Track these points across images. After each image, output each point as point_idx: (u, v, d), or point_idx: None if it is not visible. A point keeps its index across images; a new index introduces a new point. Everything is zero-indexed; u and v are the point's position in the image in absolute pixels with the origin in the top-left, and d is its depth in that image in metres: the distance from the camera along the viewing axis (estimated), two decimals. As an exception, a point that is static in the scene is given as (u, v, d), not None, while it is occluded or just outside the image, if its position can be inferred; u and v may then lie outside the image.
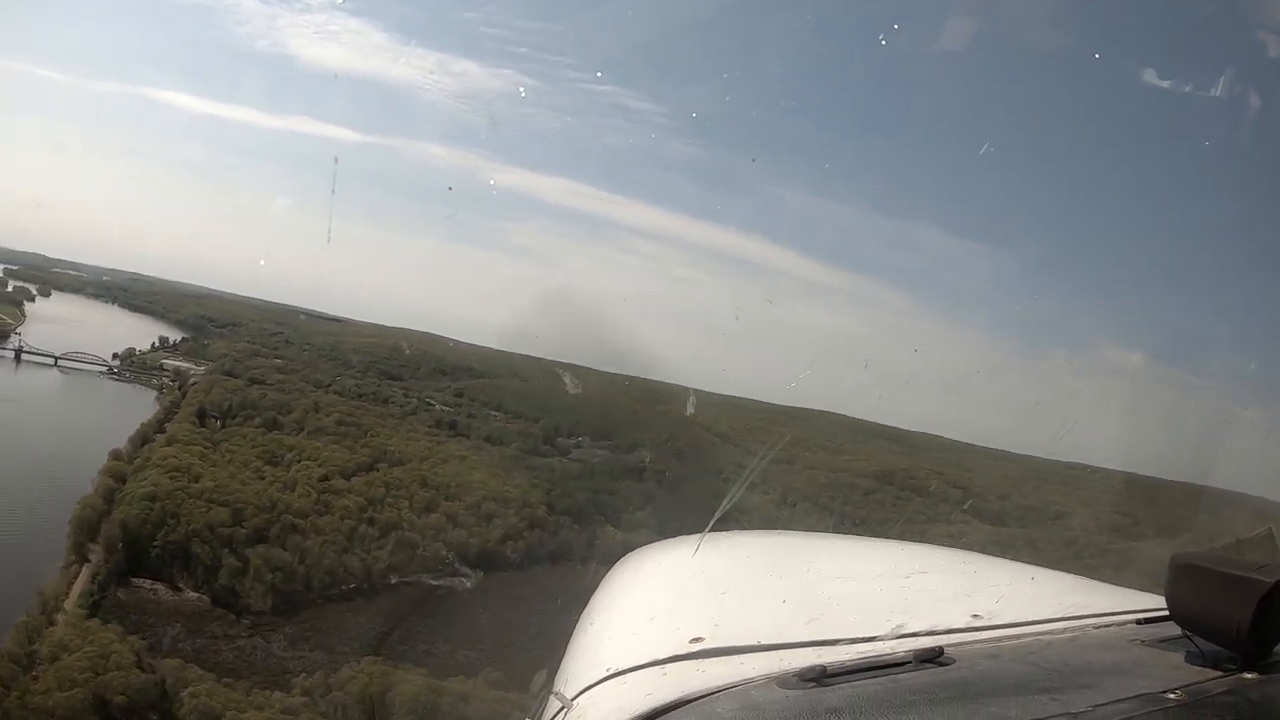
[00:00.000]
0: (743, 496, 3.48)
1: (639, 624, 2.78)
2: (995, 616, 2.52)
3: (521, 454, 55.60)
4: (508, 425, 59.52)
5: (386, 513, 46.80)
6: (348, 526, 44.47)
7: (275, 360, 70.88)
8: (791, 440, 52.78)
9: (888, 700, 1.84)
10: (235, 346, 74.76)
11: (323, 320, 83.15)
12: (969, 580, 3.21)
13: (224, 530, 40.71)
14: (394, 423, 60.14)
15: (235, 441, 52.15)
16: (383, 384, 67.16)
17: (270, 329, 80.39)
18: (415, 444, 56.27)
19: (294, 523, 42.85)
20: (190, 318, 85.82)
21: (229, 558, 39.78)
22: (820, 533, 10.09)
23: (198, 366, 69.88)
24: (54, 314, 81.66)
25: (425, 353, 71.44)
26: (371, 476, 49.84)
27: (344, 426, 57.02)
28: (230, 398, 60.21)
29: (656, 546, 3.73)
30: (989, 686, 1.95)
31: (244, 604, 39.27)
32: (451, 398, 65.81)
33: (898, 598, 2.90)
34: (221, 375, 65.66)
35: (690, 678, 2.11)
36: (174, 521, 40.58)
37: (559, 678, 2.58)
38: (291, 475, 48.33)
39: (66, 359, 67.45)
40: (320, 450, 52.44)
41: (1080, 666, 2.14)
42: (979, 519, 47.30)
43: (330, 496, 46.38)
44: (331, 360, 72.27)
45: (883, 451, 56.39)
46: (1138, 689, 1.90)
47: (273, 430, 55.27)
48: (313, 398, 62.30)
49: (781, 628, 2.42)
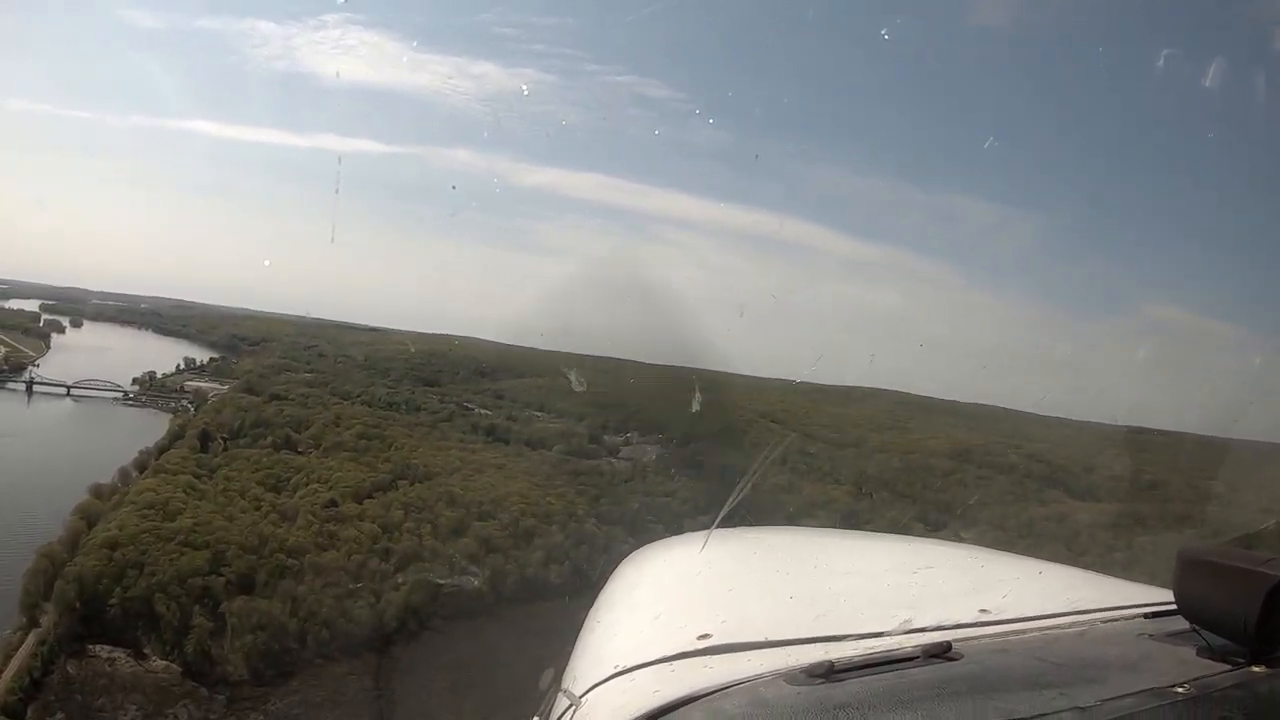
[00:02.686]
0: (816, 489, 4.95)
1: (646, 621, 2.80)
2: (1003, 611, 2.53)
3: (566, 456, 48.64)
4: (550, 426, 52.26)
5: (404, 541, 38.02)
6: (355, 563, 35.76)
7: (305, 374, 66.20)
8: (853, 421, 50.74)
9: (896, 695, 1.84)
10: (263, 362, 70.37)
11: (359, 331, 78.89)
12: (976, 575, 3.21)
13: (197, 581, 32.35)
14: (424, 432, 52.02)
15: (236, 466, 44.25)
16: (417, 390, 61.32)
17: (304, 343, 75.87)
18: (445, 455, 47.81)
19: (285, 564, 34.28)
20: (223, 338, 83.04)
21: (201, 615, 31.34)
22: (827, 529, 10.15)
23: (222, 386, 65.60)
24: (79, 343, 79.00)
25: (466, 355, 65.96)
26: (389, 497, 41.21)
27: (365, 440, 48.86)
28: (242, 416, 53.21)
29: (663, 543, 3.75)
30: (997, 681, 1.95)
31: (221, 673, 30.86)
32: (492, 400, 59.43)
33: (905, 593, 2.88)
34: (241, 393, 60.53)
35: (698, 674, 2.10)
36: (135, 573, 32.42)
37: (566, 675, 2.53)
38: (295, 502, 40.01)
39: (79, 387, 63.26)
40: (333, 470, 44.17)
41: (1088, 661, 2.14)
42: (1072, 496, 42.93)
43: (335, 526, 37.84)
44: (366, 370, 66.62)
45: (950, 427, 51.75)
46: (1145, 683, 1.89)
47: (282, 450, 47.35)
48: (335, 410, 55.13)
49: (789, 624, 2.43)
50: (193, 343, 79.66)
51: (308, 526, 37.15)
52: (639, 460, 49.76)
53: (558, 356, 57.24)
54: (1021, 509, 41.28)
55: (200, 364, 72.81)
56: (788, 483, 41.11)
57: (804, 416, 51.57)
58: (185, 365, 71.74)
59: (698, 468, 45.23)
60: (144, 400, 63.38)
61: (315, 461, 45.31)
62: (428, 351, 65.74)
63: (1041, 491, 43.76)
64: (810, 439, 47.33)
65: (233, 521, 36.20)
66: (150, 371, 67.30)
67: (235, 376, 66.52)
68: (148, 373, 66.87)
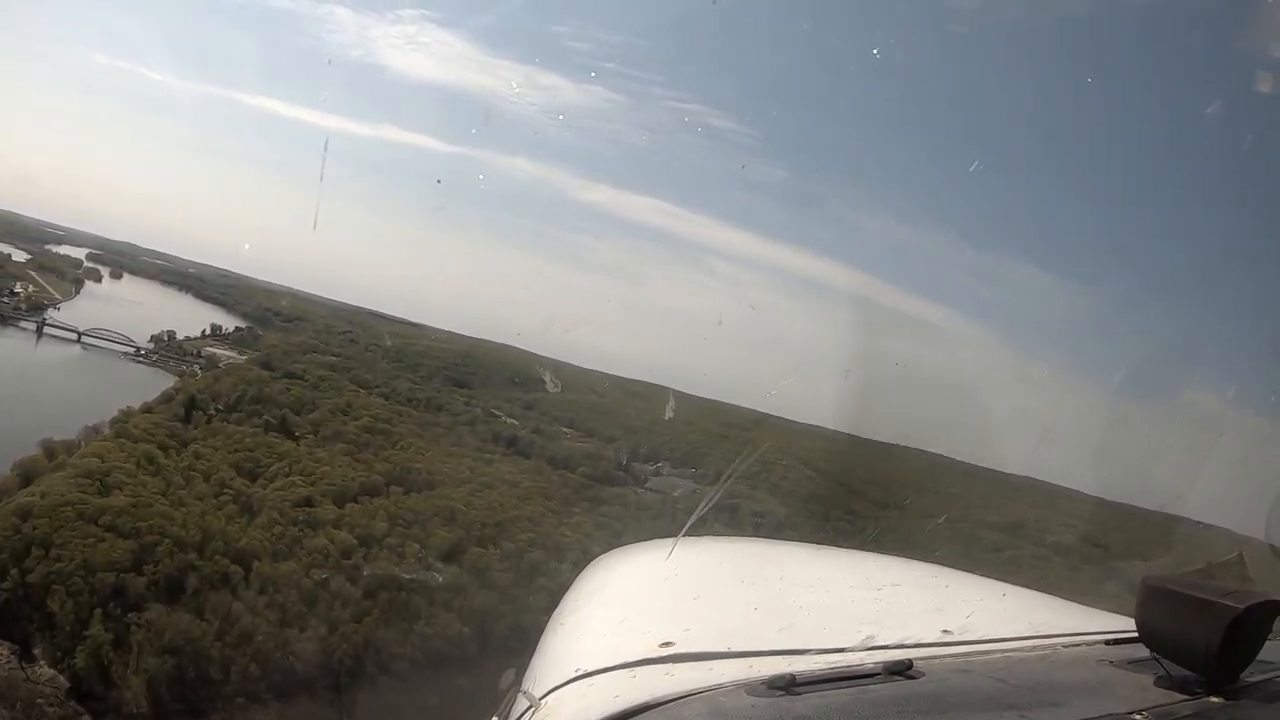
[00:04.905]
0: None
1: (610, 626, 2.78)
2: (966, 632, 2.51)
3: (589, 481, 42.97)
4: (577, 445, 46.78)
5: (383, 559, 31.16)
6: (313, 580, 28.93)
7: (329, 357, 61.50)
8: (896, 480, 47.35)
9: (855, 711, 1.82)
10: (290, 339, 66.04)
11: (398, 324, 75.54)
12: (940, 595, 3.18)
13: (109, 576, 25.82)
14: (439, 434, 45.74)
15: (213, 442, 38.19)
16: (444, 390, 56.56)
17: (339, 327, 71.58)
18: (456, 463, 41.19)
19: (227, 570, 27.60)
20: (257, 310, 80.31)
21: (102, 621, 24.75)
22: (793, 542, 9.42)
23: (240, 356, 61.82)
24: (112, 294, 76.90)
25: (500, 361, 61.50)
26: (376, 504, 34.47)
27: (368, 434, 42.53)
28: (243, 389, 47.84)
29: (630, 549, 3.76)
30: (957, 701, 1.94)
31: (115, 699, 24.15)
32: (520, 410, 53.74)
33: (869, 609, 2.84)
34: (256, 365, 55.88)
35: (659, 681, 2.09)
36: (42, 553, 26.10)
37: (527, 676, 2.51)
38: (265, 494, 33.57)
39: (90, 336, 59.38)
40: (321, 463, 37.78)
41: (1049, 685, 2.12)
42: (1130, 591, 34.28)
43: (303, 531, 31.17)
44: (395, 362, 61.95)
45: (996, 497, 47.88)
46: (1105, 709, 1.89)
47: (272, 432, 41.26)
48: (347, 398, 49.49)
49: (752, 635, 2.42)
50: (229, 311, 76.83)
51: (269, 527, 30.58)
52: (668, 494, 44.78)
53: (594, 375, 55.18)
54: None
55: (226, 332, 69.08)
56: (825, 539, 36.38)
57: (845, 469, 47.42)
58: (210, 330, 68.21)
59: (730, 510, 39.82)
60: (154, 359, 59.33)
61: (304, 450, 39.07)
62: (462, 352, 61.77)
63: (1102, 583, 39.33)
64: (855, 496, 45.11)
65: (179, 508, 29.77)
66: (170, 331, 63.95)
67: (257, 349, 62.26)
68: (167, 331, 63.44)
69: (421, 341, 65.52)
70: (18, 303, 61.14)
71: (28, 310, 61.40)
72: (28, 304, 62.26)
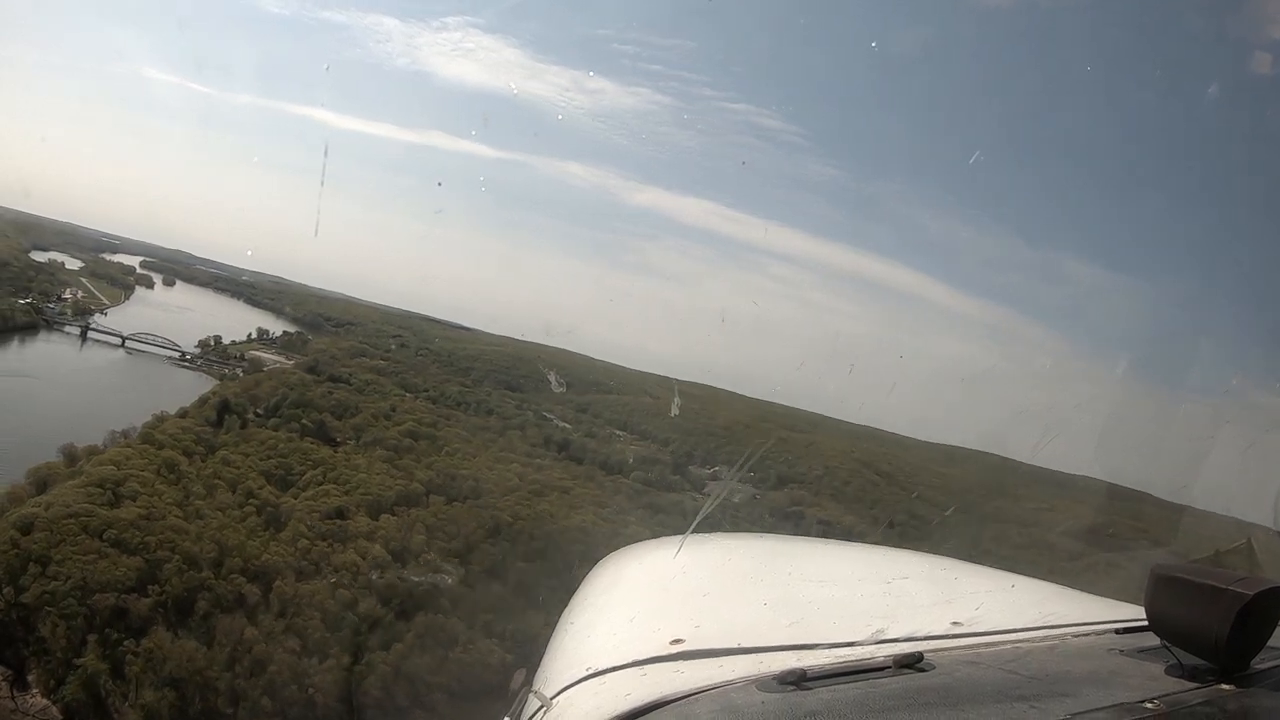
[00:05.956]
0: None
1: (619, 624, 2.75)
2: (975, 624, 2.49)
3: (644, 486, 40.60)
4: (631, 448, 43.82)
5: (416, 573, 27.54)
6: (340, 601, 25.42)
7: (378, 361, 59.37)
8: (961, 483, 47.09)
9: (866, 705, 1.82)
10: (339, 344, 64.28)
11: (450, 328, 74.76)
12: (949, 587, 3.10)
13: (109, 597, 22.66)
14: (488, 439, 42.53)
15: (244, 448, 35.29)
16: (494, 393, 53.53)
17: (391, 331, 69.83)
18: (504, 469, 37.72)
19: (242, 591, 24.25)
20: (308, 315, 79.07)
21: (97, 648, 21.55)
22: (801, 537, 10.06)
23: (287, 360, 59.75)
24: (163, 301, 76.64)
25: (553, 364, 59.40)
26: (414, 515, 30.99)
27: (411, 439, 39.28)
28: (283, 393, 45.16)
29: (639, 547, 3.68)
30: (967, 693, 1.93)
31: (110, 737, 20.94)
32: (573, 413, 50.42)
33: (878, 603, 2.81)
34: (302, 370, 53.74)
35: (669, 679, 2.08)
36: (38, 569, 23.10)
37: (538, 676, 2.48)
38: (294, 505, 30.35)
39: (134, 340, 58.45)
40: (358, 471, 34.60)
41: (1059, 675, 2.10)
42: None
43: (331, 546, 27.73)
44: (445, 366, 59.79)
45: (1065, 501, 44.91)
46: (1115, 698, 1.87)
47: (309, 437, 38.28)
48: (392, 401, 46.69)
49: (762, 631, 2.40)
50: (279, 317, 75.62)
51: (294, 541, 27.24)
52: (727, 499, 41.79)
53: (650, 378, 54.53)
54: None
55: (274, 336, 67.62)
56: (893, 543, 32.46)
57: (910, 473, 47.24)
58: (257, 335, 66.76)
59: (794, 519, 40.64)
60: (198, 363, 57.95)
61: (340, 457, 35.94)
62: (514, 355, 59.50)
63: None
64: (921, 500, 43.74)
65: (195, 520, 26.62)
66: (216, 335, 62.46)
67: (305, 353, 60.43)
68: (213, 336, 61.99)
69: (474, 345, 63.87)
70: (63, 308, 60.55)
71: (73, 315, 60.74)
72: (74, 309, 61.69)
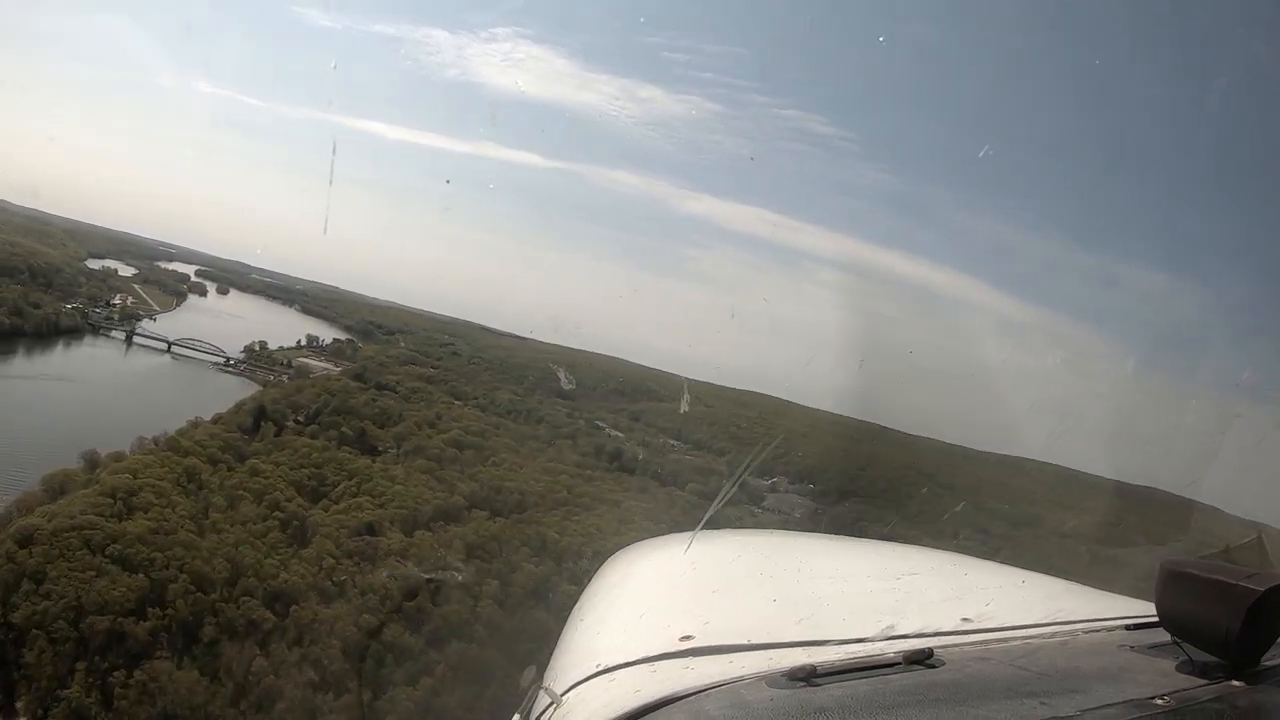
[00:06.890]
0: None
1: (629, 621, 2.75)
2: (985, 619, 2.48)
3: (699, 499, 38.10)
4: (686, 458, 41.09)
5: (452, 601, 24.24)
6: (364, 627, 22.21)
7: (428, 369, 57.45)
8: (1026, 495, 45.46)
9: (877, 701, 1.82)
10: (388, 352, 62.82)
11: (504, 337, 72.86)
12: (959, 583, 3.14)
13: (103, 620, 19.78)
14: (536, 448, 39.59)
15: (277, 456, 32.66)
16: (546, 401, 50.90)
17: (441, 340, 68.72)
18: (552, 480, 34.62)
19: (254, 615, 21.18)
20: (360, 323, 77.88)
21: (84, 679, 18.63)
22: (811, 533, 9.97)
23: (334, 367, 58.42)
24: (214, 308, 76.70)
25: (605, 373, 58.42)
26: (453, 532, 27.78)
27: (455, 449, 36.23)
28: (325, 400, 42.69)
29: (648, 543, 3.63)
30: (978, 689, 1.93)
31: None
32: (626, 421, 47.59)
33: (888, 599, 2.82)
34: (349, 377, 51.77)
35: (680, 675, 2.08)
36: (32, 587, 20.39)
37: (548, 673, 2.45)
38: (323, 517, 27.36)
39: (180, 345, 57.70)
40: (395, 482, 31.62)
41: (1069, 671, 2.11)
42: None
43: (358, 565, 24.61)
44: (497, 373, 58.14)
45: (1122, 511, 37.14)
46: (1126, 695, 1.87)
47: (347, 446, 35.50)
48: (438, 409, 44.03)
49: (772, 627, 2.39)
50: (332, 325, 75.05)
51: (317, 560, 24.15)
52: (789, 514, 42.08)
53: (701, 386, 51.29)
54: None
55: (324, 344, 66.79)
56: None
57: (974, 484, 45.78)
58: (305, 341, 65.92)
59: (855, 530, 35.31)
60: (243, 369, 56.92)
61: (378, 467, 32.97)
62: (565, 363, 57.79)
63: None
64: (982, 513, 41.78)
65: (210, 535, 23.72)
66: (261, 341, 61.53)
67: (353, 360, 59.53)
68: (259, 342, 61.14)
69: (525, 353, 61.57)
70: (110, 313, 59.83)
71: (120, 320, 60.08)
72: (121, 314, 61.08)
